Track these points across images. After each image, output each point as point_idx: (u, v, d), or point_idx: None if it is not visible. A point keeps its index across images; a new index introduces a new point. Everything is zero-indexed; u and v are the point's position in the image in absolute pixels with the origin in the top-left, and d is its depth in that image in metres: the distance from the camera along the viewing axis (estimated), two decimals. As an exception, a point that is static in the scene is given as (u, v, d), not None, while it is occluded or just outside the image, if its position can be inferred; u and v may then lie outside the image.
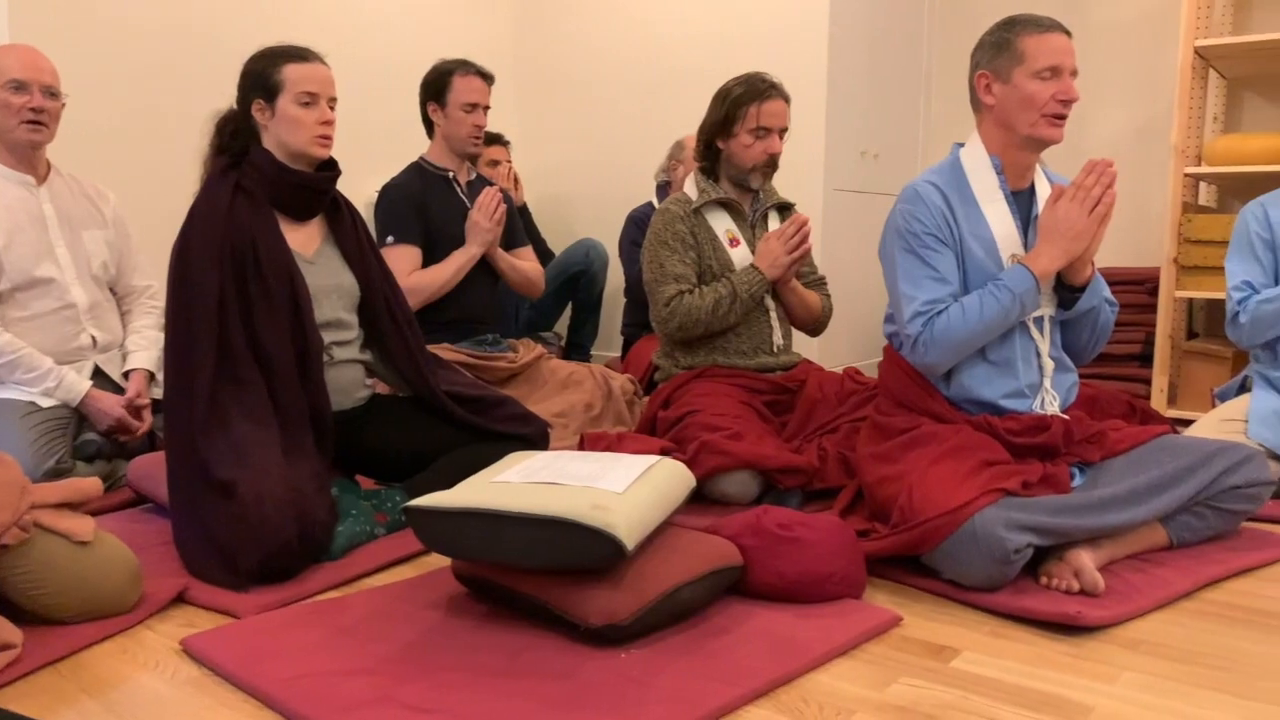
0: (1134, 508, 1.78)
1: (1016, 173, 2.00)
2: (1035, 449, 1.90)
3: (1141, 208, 3.66)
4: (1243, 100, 3.49)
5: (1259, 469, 1.93)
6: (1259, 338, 2.42)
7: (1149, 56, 3.63)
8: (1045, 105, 1.89)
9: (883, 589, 1.75)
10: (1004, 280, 1.91)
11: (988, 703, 1.32)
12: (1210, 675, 1.41)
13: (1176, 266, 3.17)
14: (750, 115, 2.43)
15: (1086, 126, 3.76)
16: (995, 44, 1.95)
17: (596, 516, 1.45)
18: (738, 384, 2.45)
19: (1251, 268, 2.46)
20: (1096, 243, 1.91)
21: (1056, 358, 2.03)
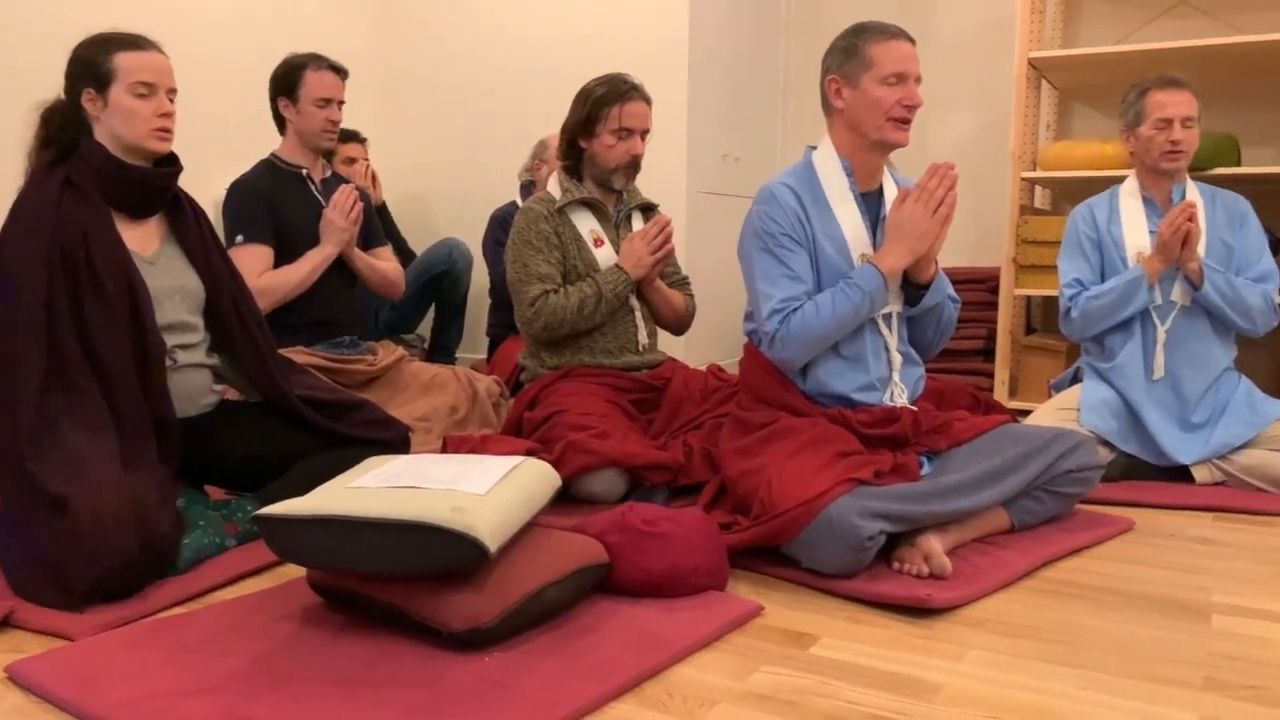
0: (978, 493, 1.87)
1: (865, 175, 2.08)
2: (886, 439, 1.97)
3: (983, 210, 3.86)
4: (1073, 109, 3.73)
5: (1090, 454, 2.06)
6: (1089, 331, 2.58)
7: (987, 67, 3.83)
8: (891, 110, 1.97)
9: (745, 580, 1.78)
10: (854, 278, 1.98)
11: (845, 686, 1.36)
12: (1050, 649, 1.49)
13: (1015, 266, 3.36)
14: (612, 116, 2.44)
15: (931, 132, 3.95)
16: (845, 50, 2.02)
17: (457, 519, 1.43)
18: (604, 383, 2.45)
19: (1081, 266, 2.63)
20: (940, 242, 2.00)
21: (904, 352, 2.11)
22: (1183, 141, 2.49)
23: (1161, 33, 3.47)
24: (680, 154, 3.58)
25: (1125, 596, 1.71)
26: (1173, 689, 1.35)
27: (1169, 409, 2.49)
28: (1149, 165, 2.56)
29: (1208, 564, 1.89)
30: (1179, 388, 2.49)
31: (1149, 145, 2.52)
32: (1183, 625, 1.58)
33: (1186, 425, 2.48)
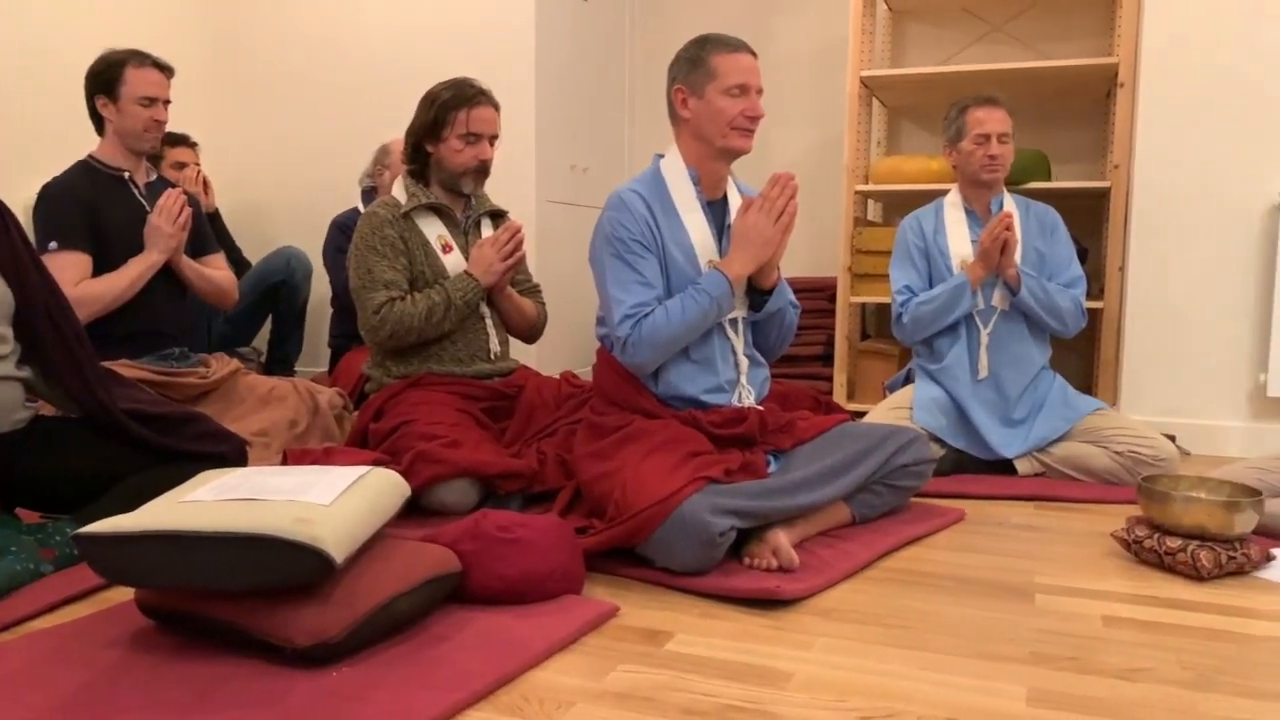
0: (821, 488, 1.94)
1: (711, 183, 2.13)
2: (735, 439, 2.02)
3: (821, 222, 4.02)
4: (901, 127, 3.93)
5: (922, 449, 2.17)
6: (919, 335, 2.73)
7: (823, 86, 4.01)
8: (735, 120, 2.03)
9: (601, 583, 1.78)
10: (703, 284, 2.02)
11: (699, 679, 1.38)
12: (891, 634, 1.56)
13: (850, 275, 3.52)
14: (460, 120, 2.41)
15: (772, 147, 4.08)
16: (690, 60, 2.07)
17: (300, 530, 1.37)
18: (454, 392, 2.41)
19: (910, 274, 2.77)
20: (782, 249, 2.07)
21: (750, 355, 2.17)
22: (999, 156, 2.67)
23: (979, 56, 3.71)
24: (529, 164, 3.57)
25: (958, 581, 1.81)
26: (1002, 664, 1.44)
27: (993, 406, 2.65)
28: (970, 178, 2.73)
29: (1031, 549, 2.02)
30: (1001, 387, 2.66)
31: (969, 159, 2.69)
32: (1010, 606, 1.68)
33: (1009, 421, 2.65)
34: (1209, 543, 1.82)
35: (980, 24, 3.74)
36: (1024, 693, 1.34)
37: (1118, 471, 2.48)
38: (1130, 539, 1.93)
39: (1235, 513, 1.83)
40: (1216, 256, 3.01)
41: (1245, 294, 2.99)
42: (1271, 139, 2.93)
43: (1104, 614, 1.65)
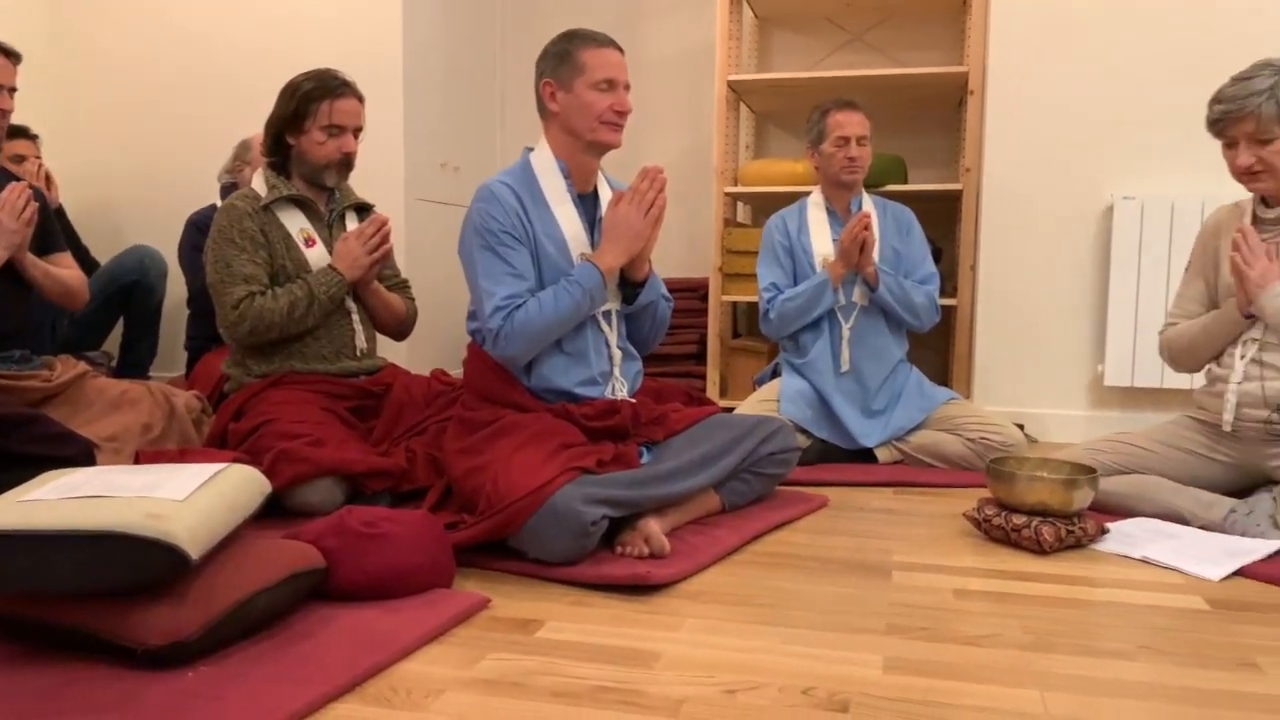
0: (692, 477, 1.98)
1: (581, 177, 2.14)
2: (608, 431, 2.04)
3: (693, 223, 4.10)
4: (769, 131, 4.04)
5: (789, 438, 2.24)
6: (785, 331, 2.81)
7: (694, 89, 4.08)
8: (603, 114, 2.05)
9: (472, 577, 1.77)
10: (575, 276, 2.03)
11: (570, 663, 1.39)
12: (758, 612, 1.60)
13: (721, 274, 3.59)
14: (322, 112, 2.36)
15: (645, 149, 4.13)
16: (558, 55, 2.08)
17: (152, 526, 1.31)
18: (318, 390, 2.35)
19: (776, 272, 2.86)
20: (652, 242, 2.10)
21: (623, 348, 2.20)
22: (858, 158, 2.77)
23: (842, 63, 3.85)
24: (397, 161, 3.51)
25: (822, 562, 1.87)
26: (861, 636, 1.50)
27: (854, 398, 2.75)
28: (831, 179, 2.83)
29: (890, 530, 2.11)
30: (862, 379, 2.76)
31: (830, 161, 2.79)
32: (869, 583, 1.75)
33: (869, 412, 2.75)
34: (1050, 518, 1.94)
35: (841, 33, 3.88)
36: (880, 661, 1.40)
37: (970, 457, 2.61)
38: (980, 518, 2.04)
39: (1074, 490, 1.95)
40: (1058, 255, 3.21)
41: (1084, 291, 3.19)
42: (1107, 145, 3.15)
43: (955, 587, 1.73)
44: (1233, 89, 1.98)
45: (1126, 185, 3.12)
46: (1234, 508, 2.03)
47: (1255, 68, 1.98)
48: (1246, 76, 1.97)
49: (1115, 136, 3.14)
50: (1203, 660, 1.42)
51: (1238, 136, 1.99)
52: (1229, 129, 2.00)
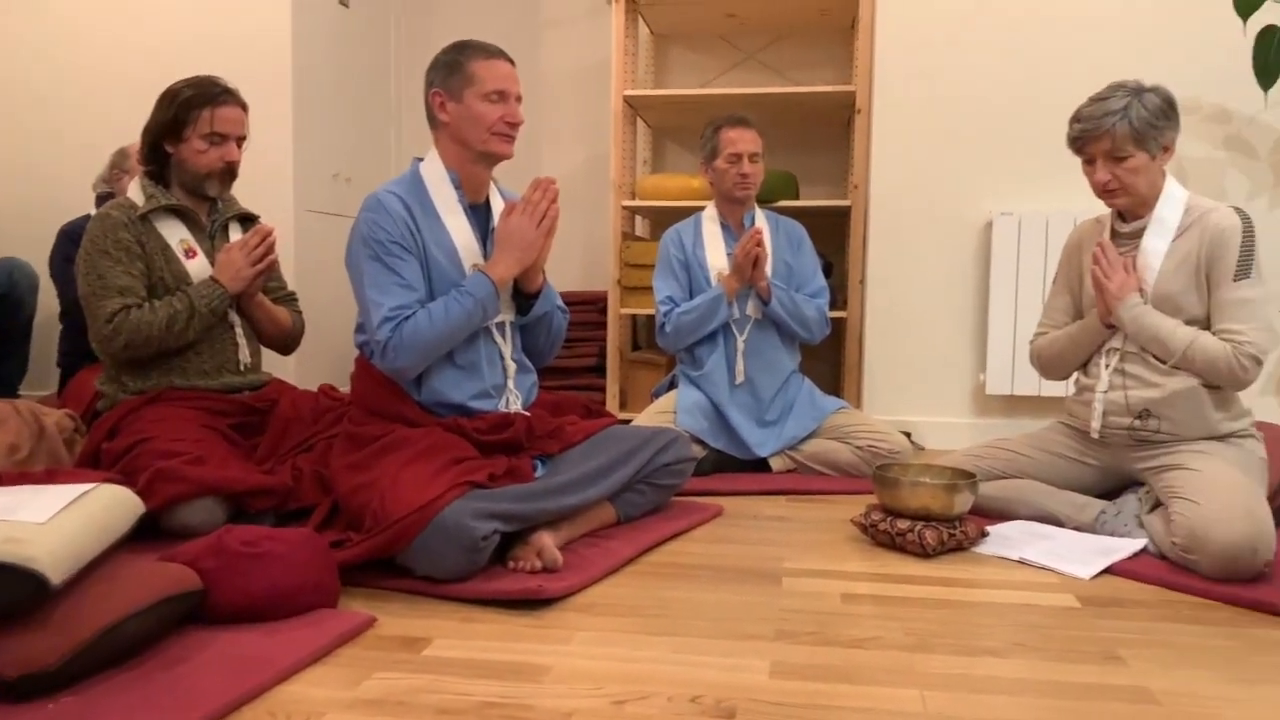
0: (586, 489, 1.98)
1: (473, 187, 2.13)
2: (501, 444, 2.02)
3: (592, 236, 4.10)
4: (666, 146, 4.09)
5: (684, 448, 2.26)
6: (681, 343, 2.83)
7: (591, 103, 4.10)
8: (495, 125, 2.04)
9: (358, 596, 1.72)
10: (466, 287, 2.01)
11: (457, 680, 1.37)
12: (649, 623, 1.60)
13: (620, 287, 3.60)
14: (203, 120, 2.28)
15: (544, 162, 4.13)
16: (448, 65, 2.06)
17: (9, 551, 1.24)
18: (199, 407, 2.26)
19: (672, 285, 2.88)
20: (545, 252, 2.09)
21: (518, 360, 2.18)
22: (751, 174, 2.82)
23: (735, 81, 3.92)
24: (286, 172, 3.42)
25: (714, 570, 1.89)
26: (750, 642, 1.52)
27: (749, 409, 2.79)
28: (724, 194, 2.87)
29: (782, 537, 2.14)
30: (756, 391, 2.81)
31: (723, 177, 2.83)
32: (759, 589, 1.78)
33: (763, 422, 2.80)
34: (933, 522, 2.00)
35: (736, 51, 3.95)
36: (767, 666, 1.42)
37: (859, 465, 2.68)
38: (867, 523, 2.09)
39: (954, 494, 2.02)
40: (942, 269, 3.32)
41: (966, 303, 3.31)
42: (986, 162, 3.28)
43: (843, 592, 1.77)
44: (1090, 109, 2.08)
45: (1005, 202, 3.26)
46: (1104, 509, 2.13)
47: (1111, 89, 2.08)
48: (1103, 97, 2.07)
49: (994, 156, 3.27)
50: (1072, 655, 1.48)
51: (1095, 154, 2.09)
52: (1087, 147, 2.10)
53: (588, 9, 4.06)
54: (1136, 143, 2.03)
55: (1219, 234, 2.03)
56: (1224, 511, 1.81)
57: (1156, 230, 2.10)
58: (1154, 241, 2.10)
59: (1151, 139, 2.04)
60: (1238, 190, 3.17)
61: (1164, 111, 2.05)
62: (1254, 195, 3.16)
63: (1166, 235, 2.09)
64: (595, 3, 3.98)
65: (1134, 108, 2.02)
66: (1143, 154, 2.05)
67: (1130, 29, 3.17)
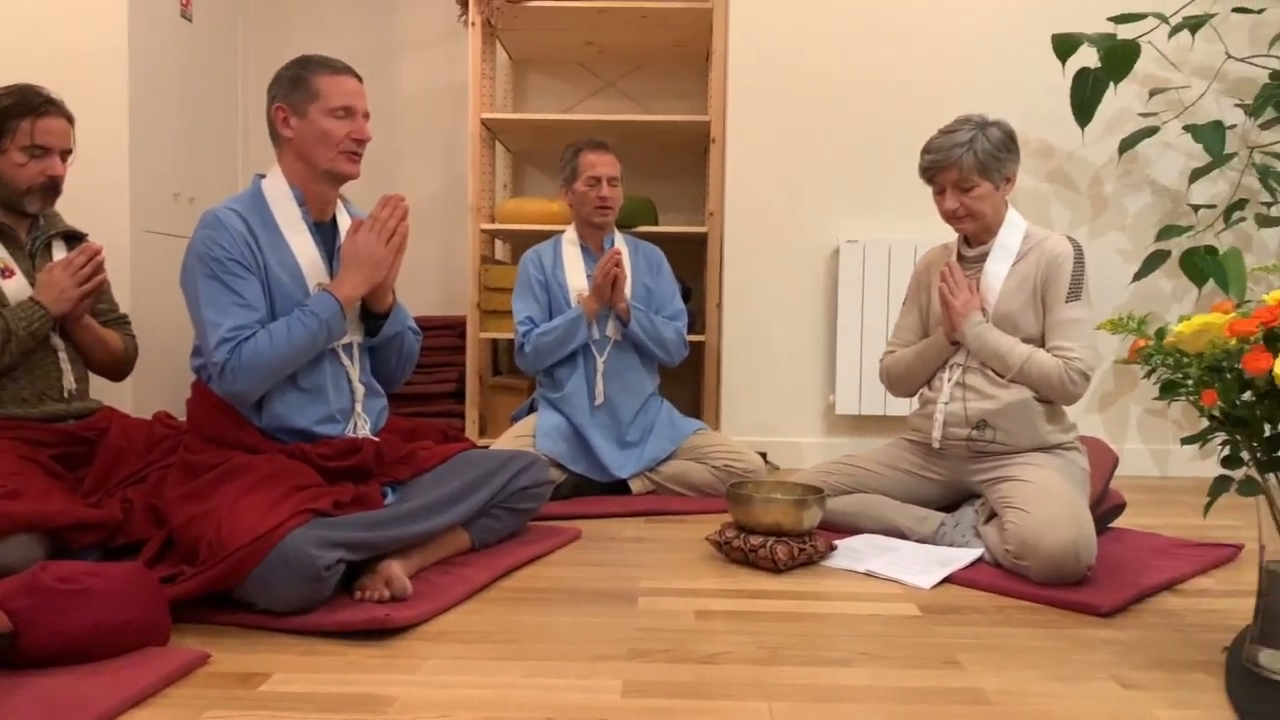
0: (438, 515, 1.93)
1: (318, 205, 2.06)
2: (348, 471, 1.95)
3: (451, 260, 4.05)
4: (526, 170, 4.08)
5: (541, 471, 2.24)
6: (540, 364, 2.82)
7: (450, 126, 4.05)
8: (341, 142, 1.99)
9: (191, 632, 1.63)
10: (310, 306, 1.94)
11: (296, 715, 1.30)
12: (499, 648, 1.57)
13: (479, 311, 3.56)
14: (23, 131, 2.14)
15: (403, 184, 4.05)
16: (291, 79, 2.00)
17: None
18: (17, 437, 2.09)
19: (532, 306, 2.87)
20: (395, 271, 2.05)
21: (366, 383, 2.12)
22: (610, 197, 2.85)
23: (595, 108, 3.96)
24: (122, 191, 3.24)
25: (569, 594, 1.87)
26: (602, 663, 1.51)
27: (609, 431, 2.80)
28: (584, 218, 2.89)
29: (639, 558, 2.14)
30: (616, 412, 2.81)
31: (582, 200, 2.85)
32: (615, 610, 1.77)
33: (623, 444, 2.80)
34: (784, 538, 2.05)
35: (595, 79, 3.99)
36: (620, 686, 1.41)
37: (715, 484, 2.72)
38: (721, 540, 2.11)
39: (804, 510, 2.07)
40: (794, 294, 3.42)
41: (816, 326, 3.42)
42: (833, 192, 3.40)
43: (696, 609, 1.78)
44: (939, 140, 2.20)
45: (850, 230, 3.39)
46: (944, 521, 2.22)
47: (958, 122, 2.21)
48: (950, 130, 2.20)
49: (840, 186, 3.41)
50: (913, 661, 1.53)
51: (945, 184, 2.21)
52: (937, 176, 2.22)
53: (444, 32, 4.02)
54: (982, 173, 2.16)
55: (1054, 259, 2.17)
56: (1051, 519, 1.91)
57: (998, 255, 2.24)
58: (996, 265, 2.23)
59: (995, 170, 2.17)
60: (1061, 220, 3.39)
61: (1006, 144, 2.19)
62: (1076, 225, 3.39)
63: (1007, 259, 2.23)
64: (452, 26, 3.94)
65: (979, 140, 2.15)
66: (987, 184, 2.18)
67: (966, 69, 3.37)
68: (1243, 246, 3.33)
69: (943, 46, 3.38)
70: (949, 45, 3.38)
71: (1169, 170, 3.37)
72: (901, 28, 3.39)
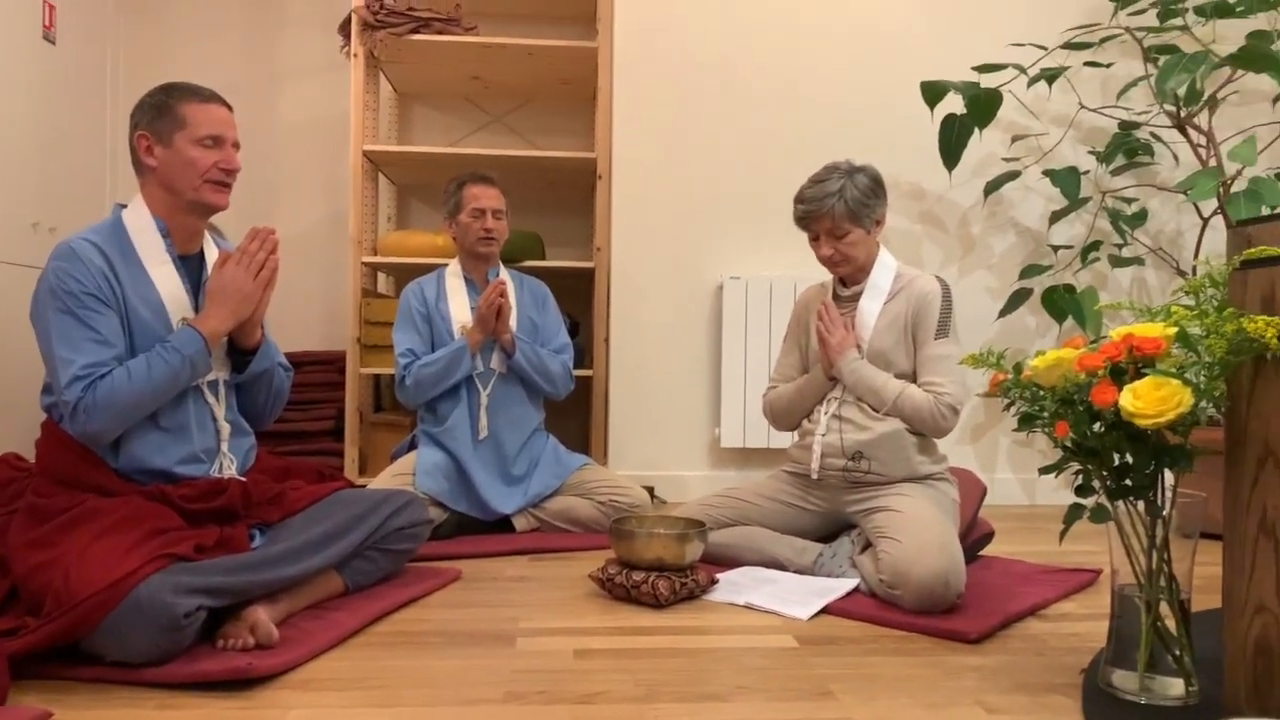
0: (309, 558, 1.86)
1: (184, 236, 1.99)
2: (212, 513, 1.87)
3: (331, 294, 3.95)
4: (410, 203, 4.02)
5: (419, 511, 2.18)
6: (422, 397, 2.77)
7: (332, 157, 3.97)
8: (208, 172, 1.93)
9: (34, 689, 1.52)
10: (173, 342, 1.86)
11: (143, 776, 1.22)
12: (369, 695, 1.52)
13: (360, 346, 3.48)
14: None
15: (282, 217, 3.94)
16: (156, 107, 1.93)
17: None
18: None
19: (413, 338, 2.82)
20: (264, 306, 1.98)
21: (233, 421, 2.04)
22: (494, 229, 2.83)
23: (481, 143, 3.94)
24: (-26, 218, 3.06)
25: (447, 636, 1.82)
26: (477, 706, 1.47)
27: (492, 466, 2.76)
28: (468, 250, 2.86)
29: (520, 598, 2.11)
30: (500, 446, 2.78)
31: (467, 231, 2.83)
32: (492, 652, 1.73)
33: (508, 479, 2.77)
34: (667, 572, 2.05)
35: (482, 114, 3.98)
36: (492, 730, 1.38)
37: (600, 519, 2.70)
38: (604, 577, 2.10)
39: (686, 544, 2.08)
40: (679, 329, 3.46)
41: (701, 361, 3.47)
42: (718, 229, 3.47)
43: (576, 648, 1.76)
44: (810, 191, 2.28)
45: (733, 266, 3.46)
46: (821, 552, 2.26)
47: (826, 170, 2.29)
48: (820, 179, 2.28)
49: (723, 223, 3.48)
50: (788, 694, 1.55)
51: (818, 231, 2.29)
52: (811, 225, 2.29)
53: (326, 63, 3.96)
54: (853, 220, 2.24)
55: (923, 298, 2.26)
56: (923, 548, 1.97)
57: (871, 294, 2.31)
58: (869, 304, 2.31)
59: (865, 215, 2.26)
60: (932, 259, 3.53)
61: (873, 189, 2.28)
62: (946, 264, 3.54)
63: (880, 298, 2.31)
64: (334, 56, 3.88)
65: (848, 189, 2.23)
66: (859, 229, 2.26)
67: (843, 113, 3.49)
68: (1098, 285, 3.53)
69: (821, 92, 3.50)
70: (827, 90, 3.50)
71: (1031, 212, 3.56)
72: (783, 72, 3.49)
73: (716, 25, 3.50)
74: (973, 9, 3.52)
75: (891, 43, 3.51)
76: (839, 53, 3.50)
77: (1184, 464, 1.43)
